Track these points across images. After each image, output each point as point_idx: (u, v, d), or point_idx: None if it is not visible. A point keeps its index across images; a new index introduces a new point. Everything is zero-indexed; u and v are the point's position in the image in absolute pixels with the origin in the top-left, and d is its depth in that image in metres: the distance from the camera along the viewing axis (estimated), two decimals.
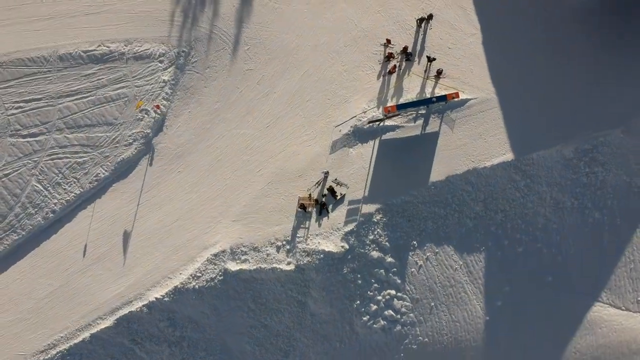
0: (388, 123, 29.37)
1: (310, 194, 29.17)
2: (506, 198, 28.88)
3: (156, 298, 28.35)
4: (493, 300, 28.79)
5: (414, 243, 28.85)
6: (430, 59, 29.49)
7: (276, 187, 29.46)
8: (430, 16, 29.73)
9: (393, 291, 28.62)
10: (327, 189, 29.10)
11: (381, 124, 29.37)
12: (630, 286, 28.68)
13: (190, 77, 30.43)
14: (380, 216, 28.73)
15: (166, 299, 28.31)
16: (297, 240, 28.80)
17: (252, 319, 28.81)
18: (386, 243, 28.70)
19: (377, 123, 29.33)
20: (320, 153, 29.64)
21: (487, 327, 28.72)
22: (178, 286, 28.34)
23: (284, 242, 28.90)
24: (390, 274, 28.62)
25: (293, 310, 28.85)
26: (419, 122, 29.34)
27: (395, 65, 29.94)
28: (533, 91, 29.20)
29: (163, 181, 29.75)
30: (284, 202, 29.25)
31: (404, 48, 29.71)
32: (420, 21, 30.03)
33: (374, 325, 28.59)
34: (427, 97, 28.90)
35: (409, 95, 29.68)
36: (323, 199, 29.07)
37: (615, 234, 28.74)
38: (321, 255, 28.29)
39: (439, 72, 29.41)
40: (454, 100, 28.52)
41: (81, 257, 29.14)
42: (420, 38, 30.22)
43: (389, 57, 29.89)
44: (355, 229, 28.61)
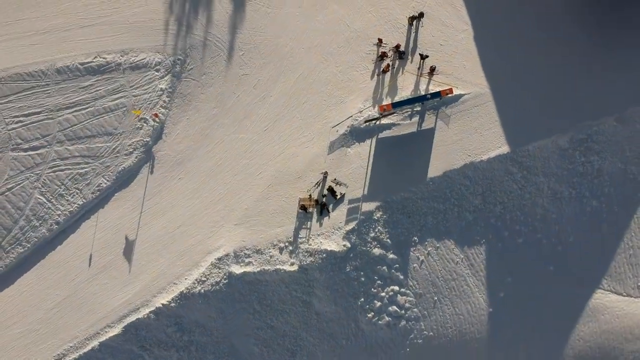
0: (384, 121, 29.73)
1: (310, 195, 29.53)
2: (504, 190, 29.22)
3: (163, 304, 28.70)
4: (495, 291, 29.10)
5: (415, 239, 29.19)
6: (423, 57, 29.84)
7: (276, 190, 29.82)
8: (421, 14, 30.09)
9: (396, 287, 28.96)
10: (327, 189, 29.45)
11: (377, 123, 29.73)
12: (630, 272, 29.00)
13: (187, 85, 30.81)
14: (380, 213, 29.07)
15: (173, 305, 28.67)
16: (300, 241, 29.16)
17: (258, 321, 29.16)
18: (387, 240, 29.04)
19: (374, 122, 29.69)
20: (318, 154, 30.00)
21: (491, 319, 29.04)
22: (184, 291, 28.69)
23: (287, 244, 29.26)
24: (392, 270, 28.96)
25: (298, 310, 29.20)
26: (415, 119, 29.70)
27: (388, 64, 30.29)
28: (526, 84, 29.55)
29: (164, 188, 30.12)
30: (285, 204, 29.61)
31: (396, 46, 30.08)
32: (411, 19, 30.39)
33: (379, 321, 28.93)
34: (422, 94, 29.23)
35: (404, 93, 30.04)
36: (323, 199, 29.43)
37: (613, 221, 29.05)
38: (324, 254, 28.65)
39: (432, 69, 29.78)
40: (448, 96, 28.91)
41: (87, 267, 29.50)
42: (412, 36, 30.58)
43: (382, 56, 30.26)
44: (356, 228, 28.96)
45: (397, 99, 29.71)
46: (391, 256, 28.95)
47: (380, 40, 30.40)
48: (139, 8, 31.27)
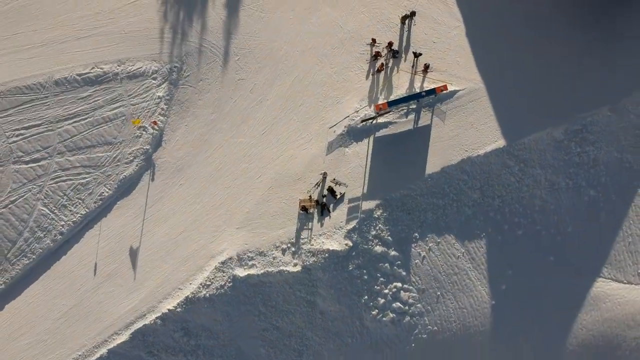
0: (381, 120, 30.04)
1: (310, 196, 29.82)
2: (502, 183, 29.53)
3: (169, 309, 28.94)
4: (497, 284, 29.39)
5: (416, 235, 29.48)
6: (416, 55, 30.17)
7: (277, 192, 30.11)
8: (413, 13, 30.43)
9: (399, 283, 29.24)
10: (327, 189, 29.75)
11: (374, 122, 30.04)
12: (630, 259, 29.29)
13: (184, 91, 31.12)
14: (380, 211, 29.36)
15: (179, 310, 28.92)
16: (302, 241, 29.45)
17: (264, 322, 29.42)
18: (388, 237, 29.33)
19: (370, 121, 30.00)
20: (317, 155, 30.30)
21: (494, 311, 29.32)
22: (189, 296, 28.94)
23: (289, 245, 29.54)
24: (395, 267, 29.24)
25: (303, 310, 29.47)
26: (411, 117, 30.02)
27: (382, 63, 30.62)
28: (519, 77, 29.91)
29: (166, 195, 30.40)
30: (286, 206, 29.89)
31: (389, 43, 30.41)
32: (404, 18, 30.72)
33: (383, 318, 29.20)
34: (417, 92, 29.53)
35: (399, 91, 30.37)
36: (323, 200, 29.73)
37: (611, 210, 29.38)
38: (326, 254, 28.93)
39: (426, 67, 30.10)
40: (443, 92, 29.25)
41: (92, 276, 29.76)
42: (405, 35, 30.92)
43: (376, 56, 30.59)
44: (357, 226, 29.25)
45: (393, 98, 30.04)
46: (393, 253, 29.24)
47: (373, 40, 30.73)
48: (134, 17, 31.59)
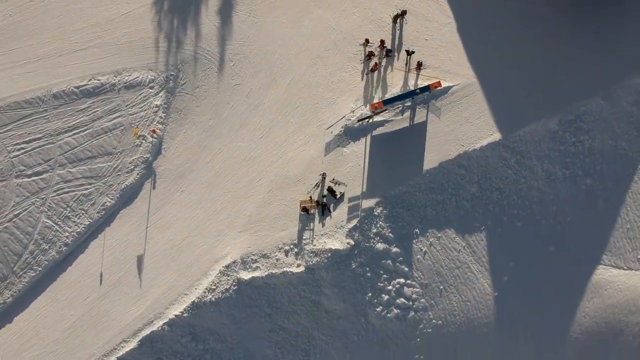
0: (377, 119, 30.38)
1: (310, 197, 30.14)
2: (499, 176, 29.84)
3: (175, 315, 29.25)
4: (499, 276, 29.69)
5: (417, 231, 29.79)
6: (409, 53, 30.52)
7: (277, 194, 30.44)
8: (404, 12, 30.80)
9: (402, 279, 29.55)
10: (327, 190, 30.07)
11: (370, 121, 30.37)
12: (629, 246, 29.59)
13: (181, 99, 31.47)
14: (380, 209, 29.68)
15: (185, 315, 29.23)
16: (304, 242, 29.77)
17: (270, 323, 29.73)
18: (390, 234, 29.65)
19: (366, 120, 30.33)
20: (315, 156, 30.63)
21: (497, 303, 29.61)
22: (195, 301, 29.25)
23: (292, 246, 29.86)
24: (397, 263, 29.55)
25: (308, 310, 29.77)
26: (407, 115, 30.35)
27: (376, 62, 30.97)
28: (512, 70, 30.24)
29: (168, 202, 30.73)
30: (287, 208, 30.22)
31: (381, 42, 30.77)
32: (395, 18, 31.08)
33: (388, 314, 29.50)
34: (411, 90, 29.85)
35: (394, 89, 30.71)
36: (324, 200, 30.05)
37: (608, 197, 29.66)
38: (328, 253, 29.25)
39: (419, 64, 30.44)
40: (437, 89, 29.57)
41: (98, 285, 30.08)
42: (397, 34, 31.28)
43: (370, 56, 30.95)
44: (358, 225, 29.57)
45: (388, 96, 30.37)
46: (394, 250, 29.55)
47: (366, 40, 31.08)
48: (129, 28, 31.96)
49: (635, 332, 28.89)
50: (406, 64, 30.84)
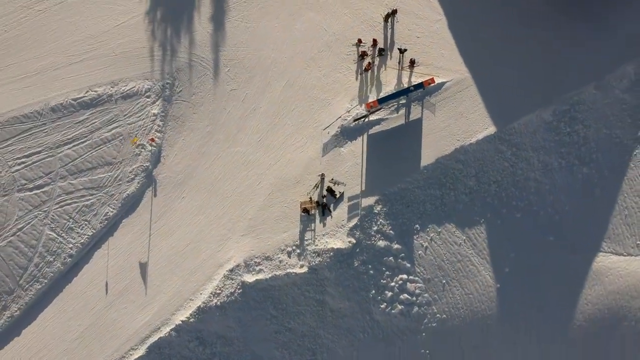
0: (372, 118, 30.67)
1: (310, 197, 30.42)
2: (496, 169, 30.14)
3: (182, 321, 29.51)
4: (500, 267, 29.98)
5: (417, 226, 30.07)
6: (401, 51, 30.81)
7: (277, 197, 30.72)
8: (394, 11, 31.10)
9: (405, 275, 29.82)
10: (326, 190, 30.35)
11: (366, 120, 30.66)
12: (627, 232, 29.91)
13: (178, 107, 31.76)
14: (380, 207, 29.96)
15: (192, 320, 29.49)
16: (306, 243, 30.05)
17: (276, 325, 29.99)
18: (390, 231, 29.93)
19: (362, 120, 30.62)
20: (313, 157, 30.92)
21: (500, 294, 29.89)
22: (201, 306, 29.52)
23: (294, 247, 30.14)
24: (399, 260, 29.83)
25: (313, 309, 30.04)
26: (402, 112, 30.65)
27: (369, 62, 31.27)
28: (504, 63, 30.57)
29: (169, 209, 31.00)
30: (287, 209, 30.50)
31: (374, 41, 31.07)
32: (386, 17, 31.39)
33: (392, 310, 29.78)
34: (405, 87, 30.16)
35: (388, 88, 31.00)
36: (323, 200, 30.33)
37: (605, 185, 30.01)
38: (331, 253, 29.53)
39: (412, 62, 30.74)
40: (431, 85, 29.86)
41: (104, 295, 30.34)
42: (389, 33, 31.58)
43: (363, 56, 31.25)
44: (359, 223, 29.85)
45: (382, 95, 30.67)
46: (396, 246, 29.83)
47: (359, 40, 31.38)
48: (123, 39, 32.24)
49: (637, 317, 29.23)
50: (399, 62, 31.13)
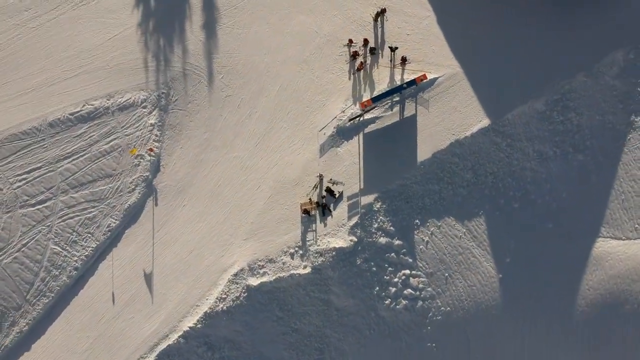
0: (367, 116, 30.99)
1: (310, 198, 30.72)
2: (492, 161, 30.46)
3: (189, 327, 29.77)
4: (502, 258, 30.29)
5: (417, 222, 30.37)
6: (392, 49, 31.13)
7: (277, 199, 31.01)
8: (383, 10, 31.41)
9: (407, 271, 30.12)
10: (325, 190, 30.65)
11: (361, 119, 30.98)
12: (625, 216, 30.23)
13: (175, 115, 32.05)
14: (379, 204, 30.27)
15: (199, 326, 29.76)
16: (308, 243, 30.35)
17: (283, 326, 30.27)
18: (391, 228, 30.23)
19: (357, 119, 30.93)
20: (311, 158, 31.22)
21: (502, 284, 30.19)
22: (207, 311, 29.79)
23: (296, 248, 30.44)
24: (401, 255, 30.13)
25: (319, 309, 30.32)
26: (396, 109, 30.97)
27: (361, 61, 31.58)
28: (494, 55, 30.90)
29: (171, 217, 31.28)
30: (288, 211, 30.80)
31: (364, 41, 31.39)
32: (376, 16, 31.70)
33: (397, 306, 30.07)
34: (398, 85, 30.43)
35: (381, 86, 31.32)
36: (323, 200, 30.63)
37: (600, 171, 30.33)
38: (333, 252, 29.83)
39: (404, 59, 31.06)
40: (423, 81, 30.16)
41: (111, 305, 30.61)
42: (379, 32, 31.91)
43: (355, 56, 31.56)
44: (359, 221, 30.16)
45: (376, 93, 30.97)
46: (397, 242, 30.13)
47: (350, 40, 31.69)
48: (117, 51, 32.51)
49: (639, 300, 29.51)
50: (391, 60, 31.45)
